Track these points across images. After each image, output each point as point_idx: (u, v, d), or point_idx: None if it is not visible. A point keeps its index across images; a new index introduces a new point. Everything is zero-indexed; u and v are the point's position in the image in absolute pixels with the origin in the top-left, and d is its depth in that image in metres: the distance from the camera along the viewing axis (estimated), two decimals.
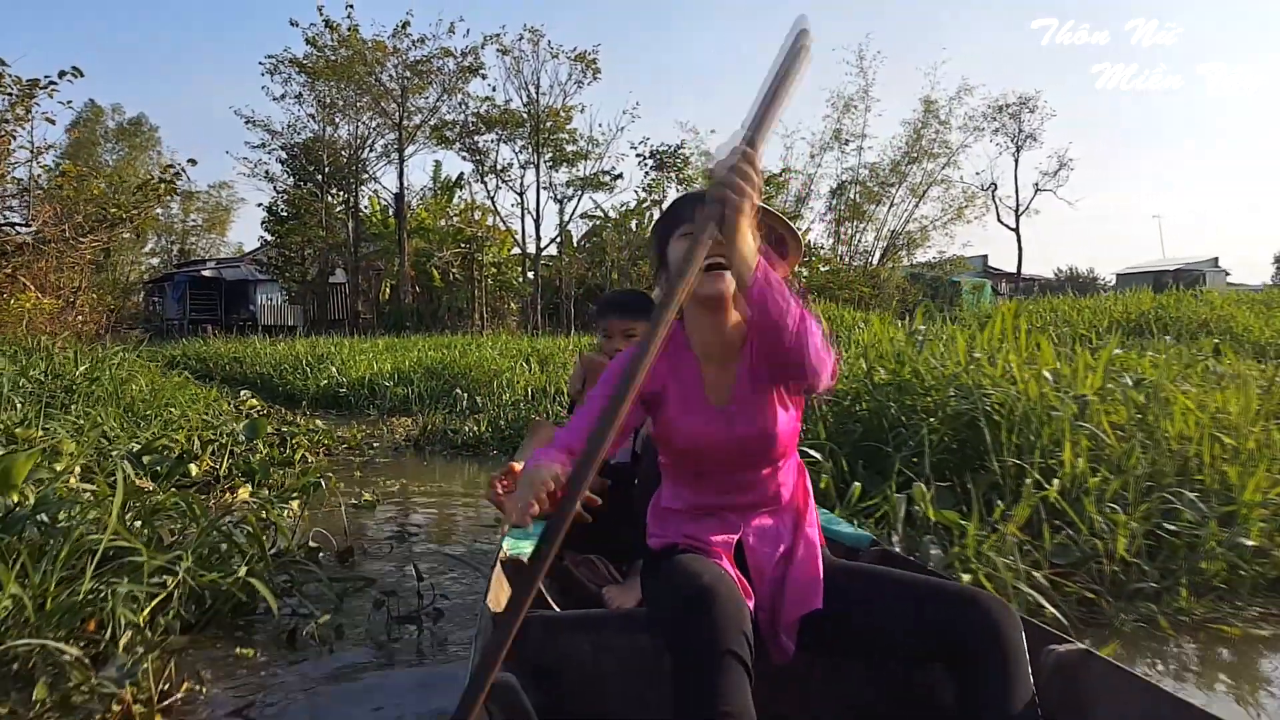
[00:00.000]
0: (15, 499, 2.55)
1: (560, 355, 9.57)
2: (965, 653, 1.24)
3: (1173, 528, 2.52)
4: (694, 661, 1.16)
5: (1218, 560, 2.47)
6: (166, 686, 1.86)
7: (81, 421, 4.49)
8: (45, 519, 2.38)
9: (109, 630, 1.93)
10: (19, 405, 4.59)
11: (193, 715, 1.82)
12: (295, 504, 3.60)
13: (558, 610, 1.74)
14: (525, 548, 1.94)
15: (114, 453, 3.85)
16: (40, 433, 4.08)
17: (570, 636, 1.49)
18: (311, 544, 2.94)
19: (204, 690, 1.92)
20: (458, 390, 7.21)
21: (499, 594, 1.76)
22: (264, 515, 2.95)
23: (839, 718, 1.47)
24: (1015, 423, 3.00)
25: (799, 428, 1.52)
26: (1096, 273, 42.75)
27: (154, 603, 2.06)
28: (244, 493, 3.91)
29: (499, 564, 1.90)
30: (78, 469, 3.34)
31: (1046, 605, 2.25)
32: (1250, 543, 2.52)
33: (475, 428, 5.71)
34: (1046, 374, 3.33)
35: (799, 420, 1.51)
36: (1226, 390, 3.40)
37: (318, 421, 6.34)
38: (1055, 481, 2.63)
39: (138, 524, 2.55)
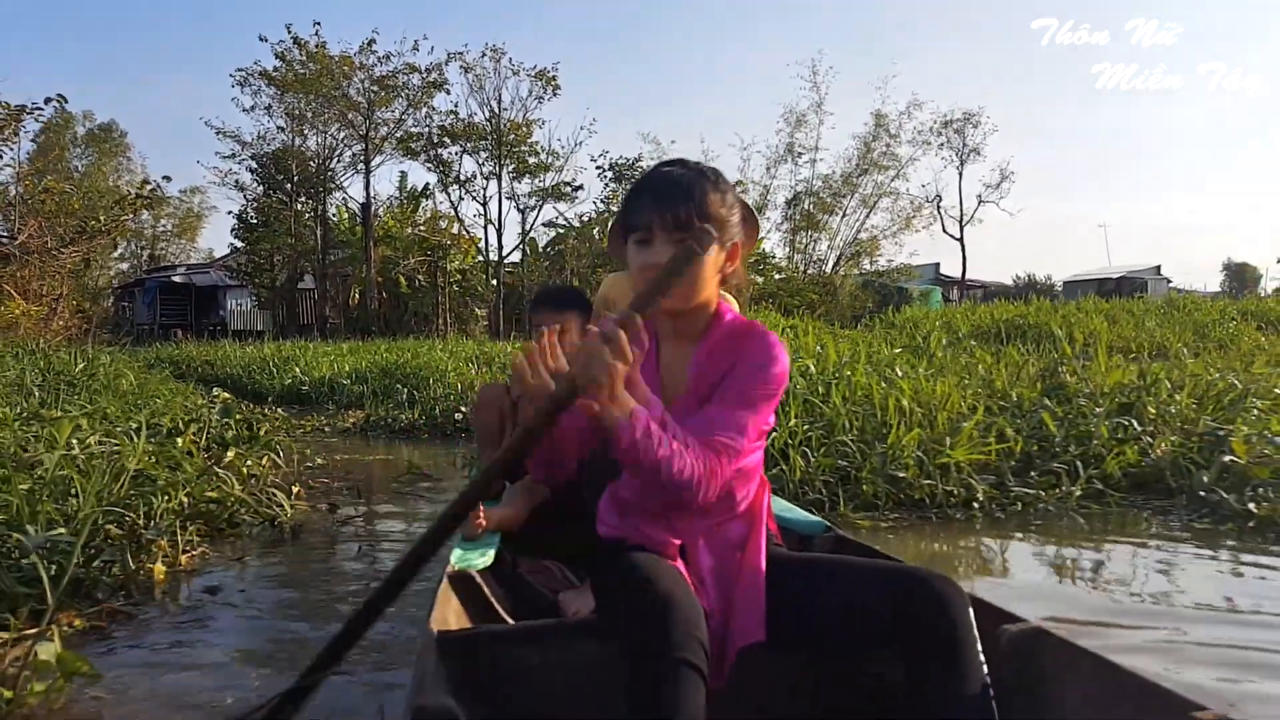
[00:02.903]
0: (63, 449, 3.72)
1: (503, 357, 10.77)
2: (914, 633, 1.21)
3: (844, 463, 3.82)
4: (649, 670, 1.14)
5: (873, 485, 3.76)
6: (188, 548, 3.07)
7: (88, 406, 5.61)
8: (83, 458, 3.55)
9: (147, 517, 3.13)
10: (37, 394, 5.72)
11: (205, 561, 3.04)
12: (266, 460, 4.90)
13: (510, 622, 1.72)
14: (475, 559, 1.91)
15: (118, 428, 4.99)
16: (59, 413, 5.21)
17: (520, 650, 1.46)
18: (271, 485, 4.14)
19: (209, 552, 3.13)
20: (398, 385, 8.41)
21: (445, 611, 1.68)
22: (246, 465, 4.22)
23: (789, 716, 1.46)
24: None
25: (765, 431, 1.41)
26: (1053, 279, 44.56)
27: (173, 501, 3.25)
28: (231, 454, 5.14)
29: (446, 579, 1.80)
30: (95, 437, 4.49)
31: None
32: (902, 474, 3.82)
33: (410, 416, 6.93)
34: (810, 363, 4.64)
35: (765, 424, 1.40)
36: (940, 377, 4.73)
37: (270, 412, 7.51)
38: (775, 435, 3.91)
39: (154, 463, 3.74)
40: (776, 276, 28.55)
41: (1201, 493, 3.86)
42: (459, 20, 60.92)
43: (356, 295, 27.06)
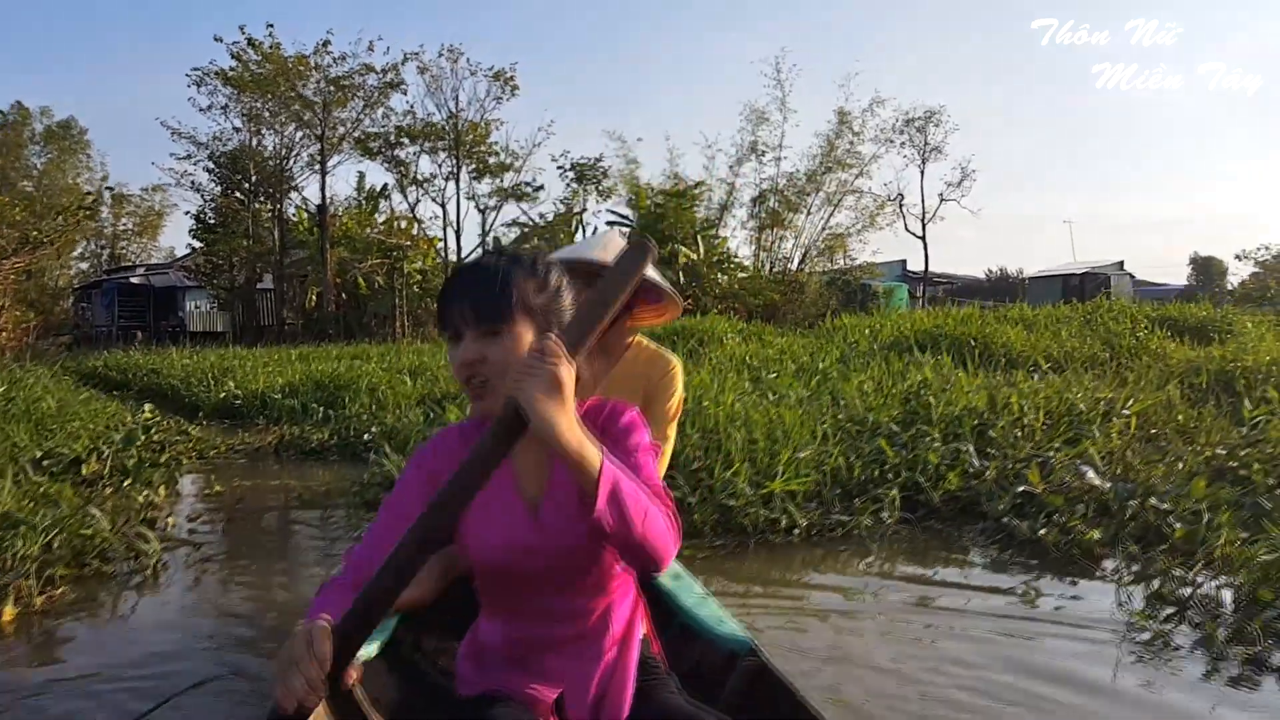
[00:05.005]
0: None
1: (434, 366, 11.02)
2: None
3: (678, 493, 4.15)
4: None
5: (703, 514, 4.10)
6: (50, 588, 3.34)
7: None
8: None
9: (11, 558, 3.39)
10: None
11: (62, 602, 3.31)
12: (162, 491, 5.20)
13: None
14: None
15: (21, 458, 5.22)
16: None
17: None
18: (146, 519, 4.42)
19: (70, 592, 3.41)
20: (314, 405, 8.66)
21: None
22: (127, 501, 4.49)
23: None
24: None
25: None
26: (1025, 272, 45.16)
27: (44, 539, 3.52)
28: (128, 483, 5.39)
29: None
30: None
31: None
32: (733, 503, 4.17)
33: (321, 436, 7.20)
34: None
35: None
36: (785, 407, 5.09)
37: (192, 430, 7.74)
38: None
39: (30, 505, 4.00)
40: (740, 276, 28.91)
41: (1004, 519, 4.24)
42: (414, 18, 60.84)
43: (314, 297, 27.11)
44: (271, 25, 25.31)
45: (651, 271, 2.10)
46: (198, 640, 3.03)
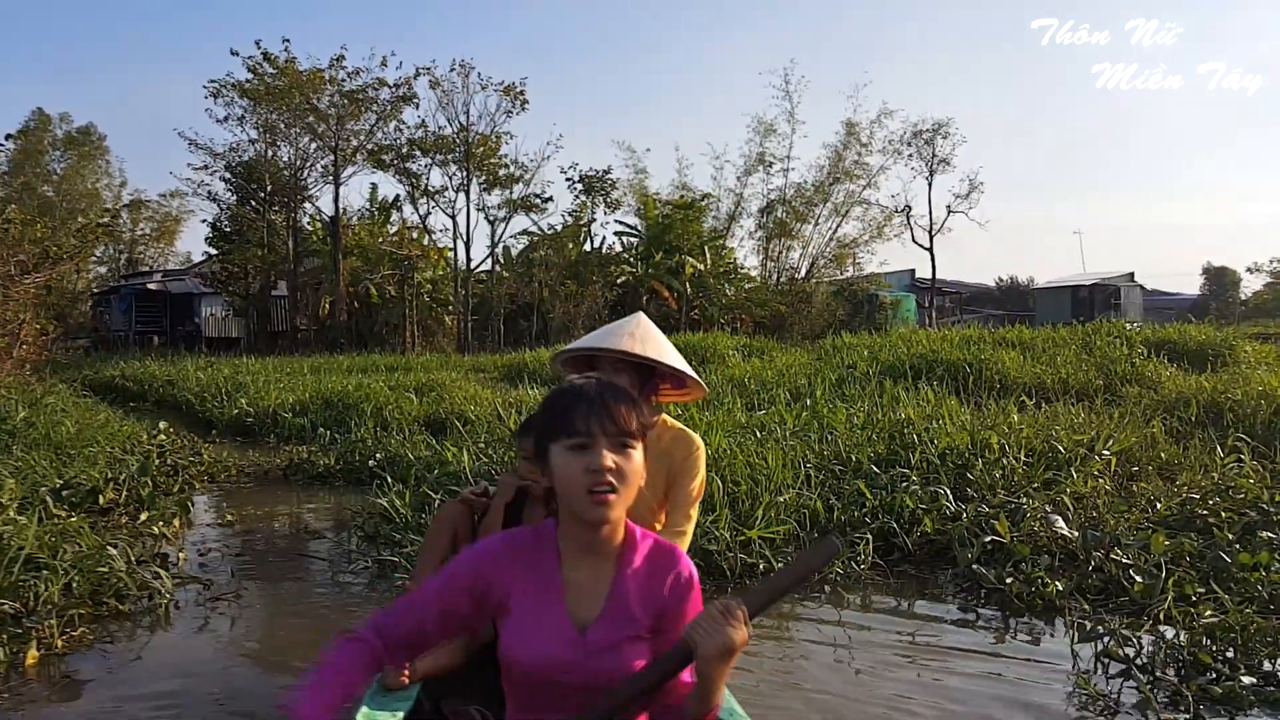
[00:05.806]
0: None
1: (442, 382, 11.27)
2: None
3: None
4: None
5: None
6: (69, 629, 3.59)
7: (19, 463, 6.09)
8: None
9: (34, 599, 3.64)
10: None
11: (80, 644, 3.55)
12: (176, 521, 5.45)
13: None
14: None
15: (42, 489, 5.49)
16: None
17: None
18: (163, 551, 4.67)
19: (88, 633, 3.65)
20: (321, 429, 8.92)
21: None
22: (142, 534, 4.75)
23: None
24: None
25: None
26: (1035, 281, 44.92)
27: (64, 580, 3.76)
28: (144, 516, 5.63)
29: None
30: (16, 503, 4.99)
31: None
32: (713, 548, 4.37)
33: (328, 461, 7.44)
34: None
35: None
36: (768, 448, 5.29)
37: (205, 452, 8.01)
38: None
39: (51, 540, 4.24)
40: (747, 286, 29.04)
41: (974, 566, 4.41)
42: (427, 31, 61.52)
43: (327, 305, 27.48)
44: (287, 40, 25.77)
45: (679, 361, 2.26)
46: (205, 683, 3.25)
